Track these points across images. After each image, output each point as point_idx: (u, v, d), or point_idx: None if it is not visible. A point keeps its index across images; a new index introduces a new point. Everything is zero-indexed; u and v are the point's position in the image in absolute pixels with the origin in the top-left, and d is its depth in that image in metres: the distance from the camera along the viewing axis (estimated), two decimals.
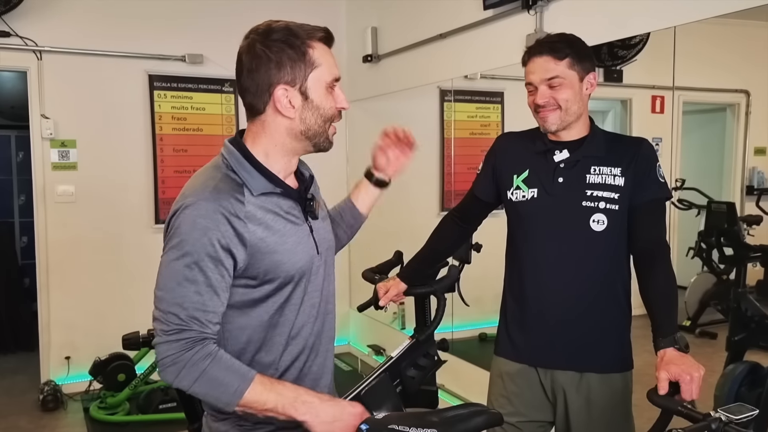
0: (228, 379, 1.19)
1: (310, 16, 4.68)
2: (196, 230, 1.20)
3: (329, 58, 1.30)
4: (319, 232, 1.39)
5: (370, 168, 1.66)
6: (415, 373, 2.23)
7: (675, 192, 3.34)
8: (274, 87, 1.26)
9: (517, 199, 1.79)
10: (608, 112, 3.73)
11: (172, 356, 1.18)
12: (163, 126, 4.25)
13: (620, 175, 1.69)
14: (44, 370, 4.10)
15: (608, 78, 3.33)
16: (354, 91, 4.75)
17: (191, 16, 4.19)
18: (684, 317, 3.46)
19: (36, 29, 3.88)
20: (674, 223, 3.53)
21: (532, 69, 1.71)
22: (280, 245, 1.27)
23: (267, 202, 1.28)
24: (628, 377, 1.77)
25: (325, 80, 1.29)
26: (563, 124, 1.72)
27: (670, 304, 1.58)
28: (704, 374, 1.41)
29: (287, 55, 1.25)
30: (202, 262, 1.20)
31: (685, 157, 3.35)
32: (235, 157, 1.29)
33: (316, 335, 1.37)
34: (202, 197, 1.22)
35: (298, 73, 1.26)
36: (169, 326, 1.19)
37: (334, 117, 1.32)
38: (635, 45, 3.09)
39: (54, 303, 4.07)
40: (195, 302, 1.20)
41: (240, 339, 1.29)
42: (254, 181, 1.27)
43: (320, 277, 1.38)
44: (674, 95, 3.22)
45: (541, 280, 1.76)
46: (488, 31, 3.27)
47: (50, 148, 3.98)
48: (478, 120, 4.44)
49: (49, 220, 4.02)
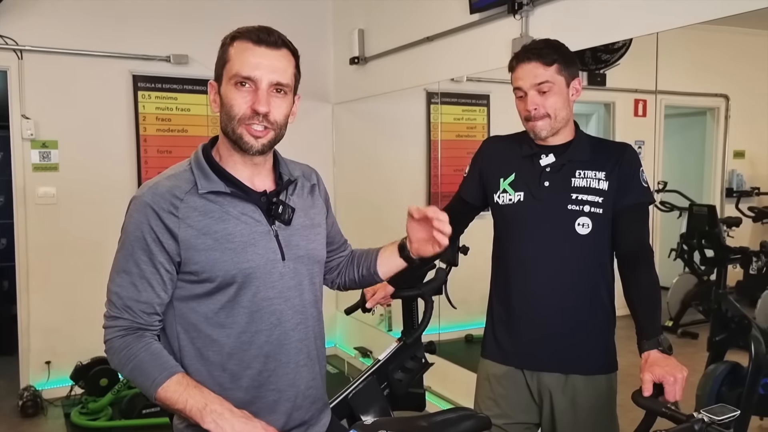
0: (150, 369, 1.24)
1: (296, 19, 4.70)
2: (131, 224, 1.27)
3: (247, 57, 1.24)
4: (292, 238, 1.35)
5: (404, 239, 1.50)
6: (403, 375, 2.23)
7: (657, 194, 3.38)
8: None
9: (503, 202, 1.80)
10: (592, 116, 3.76)
11: (109, 340, 1.27)
12: (147, 127, 4.21)
13: (604, 179, 1.71)
14: (23, 375, 4.03)
15: (592, 81, 3.36)
16: (341, 93, 4.76)
17: (176, 16, 4.16)
18: (666, 317, 3.50)
19: (17, 28, 3.82)
20: (656, 224, 3.57)
21: (521, 75, 1.72)
22: (221, 244, 1.26)
23: (216, 201, 1.29)
24: (613, 378, 1.78)
25: (229, 75, 1.26)
26: (553, 131, 1.73)
27: (654, 306, 1.59)
28: (687, 375, 1.42)
29: (219, 52, 1.31)
30: (135, 255, 1.26)
31: (667, 160, 3.39)
32: (197, 156, 1.34)
33: (277, 344, 1.33)
34: (141, 192, 1.29)
35: (219, 69, 1.30)
36: (109, 313, 1.28)
37: (241, 117, 1.25)
38: (618, 49, 3.12)
39: (34, 306, 4.01)
40: (129, 292, 1.26)
41: (190, 333, 1.30)
42: (205, 181, 1.29)
43: (285, 285, 1.33)
44: (656, 99, 3.25)
45: (527, 282, 1.77)
46: (475, 34, 3.28)
47: (31, 148, 3.91)
48: (464, 122, 4.45)
49: (30, 222, 3.96)
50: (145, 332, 1.27)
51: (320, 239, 1.45)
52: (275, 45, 1.27)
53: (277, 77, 1.26)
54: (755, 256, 3.00)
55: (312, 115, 4.77)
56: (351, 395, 2.14)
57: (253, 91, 1.25)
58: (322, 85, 4.81)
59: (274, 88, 1.27)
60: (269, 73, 1.25)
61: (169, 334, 1.32)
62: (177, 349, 1.31)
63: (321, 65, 4.79)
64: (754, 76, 3.04)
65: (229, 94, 1.26)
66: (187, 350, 1.30)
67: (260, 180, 1.35)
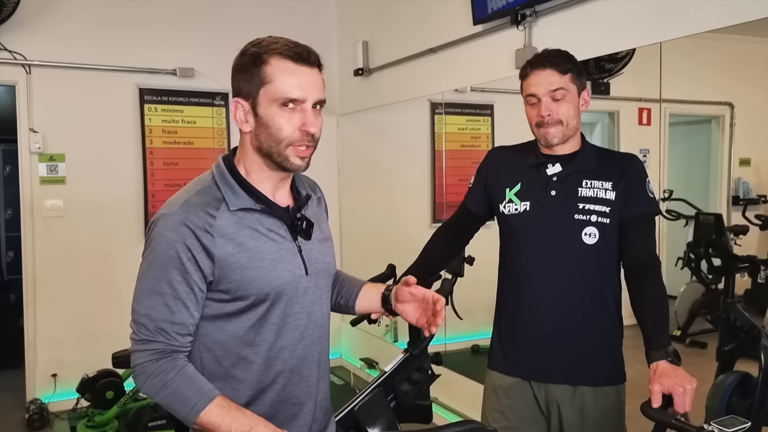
0: (189, 394, 1.20)
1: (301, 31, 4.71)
2: (163, 243, 1.21)
3: (288, 76, 1.22)
4: (312, 252, 1.36)
5: (391, 289, 1.51)
6: (409, 387, 2.21)
7: (663, 203, 3.37)
8: (233, 98, 1.27)
9: (509, 212, 1.80)
10: (596, 124, 3.76)
11: (141, 365, 1.22)
12: (154, 139, 4.24)
13: (611, 189, 1.71)
14: (30, 388, 4.03)
15: (596, 91, 3.36)
16: (345, 104, 4.78)
17: (182, 30, 4.20)
18: (674, 327, 3.48)
19: (25, 43, 3.86)
20: (663, 233, 3.56)
21: (536, 81, 1.72)
22: (255, 262, 1.25)
23: (245, 218, 1.26)
24: (621, 390, 1.77)
25: (274, 98, 1.22)
26: (563, 138, 1.74)
27: (662, 317, 1.59)
28: (696, 385, 1.41)
29: (245, 67, 1.24)
30: (169, 275, 1.21)
31: (672, 169, 3.38)
32: (221, 171, 1.30)
33: (300, 359, 1.33)
34: (172, 210, 1.23)
35: (252, 87, 1.24)
36: (138, 336, 1.23)
37: (292, 140, 1.24)
38: (622, 58, 3.13)
39: (41, 319, 4.01)
40: (162, 314, 1.22)
41: (215, 352, 1.29)
42: (234, 197, 1.27)
43: (308, 299, 1.34)
44: (661, 107, 3.25)
45: (534, 293, 1.76)
46: (478, 45, 3.29)
47: (38, 162, 3.94)
48: (468, 132, 4.46)
49: (37, 234, 3.98)
50: (179, 354, 1.24)
51: (332, 252, 1.46)
52: (313, 63, 1.27)
53: (321, 95, 1.26)
54: (763, 265, 2.99)
55: None
56: (357, 407, 2.12)
57: (298, 111, 1.23)
58: (327, 97, 4.81)
59: (316, 105, 1.26)
60: (313, 92, 1.24)
61: (191, 353, 1.29)
62: (199, 368, 1.28)
63: (326, 77, 4.80)
64: (758, 84, 3.04)
65: (276, 116, 1.22)
66: (211, 369, 1.28)
67: (281, 195, 1.34)
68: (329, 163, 4.86)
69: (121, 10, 4.11)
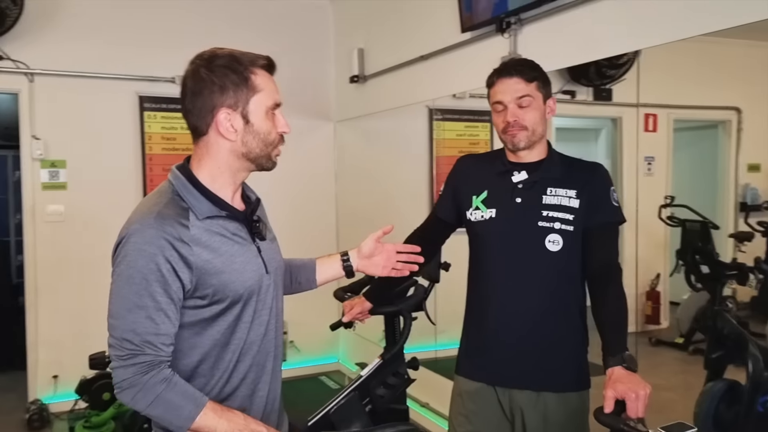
0: (182, 403, 1.24)
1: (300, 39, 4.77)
2: (142, 257, 1.23)
3: (271, 85, 1.34)
4: (268, 252, 1.43)
5: (349, 251, 1.65)
6: (385, 392, 2.25)
7: (664, 209, 3.35)
8: (216, 110, 1.30)
9: (475, 219, 1.83)
10: (601, 131, 3.76)
11: (128, 380, 1.23)
12: (153, 146, 4.31)
13: (575, 197, 1.73)
14: (32, 388, 4.12)
15: (597, 97, 3.38)
16: (342, 110, 4.83)
17: (181, 38, 4.24)
18: (676, 335, 3.46)
19: (28, 52, 3.96)
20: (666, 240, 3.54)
21: (502, 89, 1.76)
22: (228, 266, 1.31)
23: (213, 225, 1.32)
24: (585, 396, 1.79)
25: (266, 105, 1.33)
26: (529, 143, 1.77)
27: (620, 323, 1.60)
28: (650, 392, 1.43)
29: (230, 80, 1.30)
30: (151, 288, 1.23)
31: (677, 175, 3.37)
32: (182, 182, 1.33)
33: (265, 353, 1.40)
34: (147, 224, 1.25)
35: (240, 97, 1.30)
36: (123, 351, 1.24)
37: (275, 141, 1.36)
38: (623, 64, 3.14)
39: (42, 322, 4.10)
40: (147, 327, 1.24)
41: (192, 357, 1.33)
42: (200, 205, 1.31)
43: (270, 296, 1.42)
44: (665, 113, 3.25)
45: (498, 299, 1.79)
46: (466, 53, 3.32)
47: (40, 168, 4.04)
48: (466, 138, 4.47)
49: (38, 239, 4.07)
50: (165, 365, 1.26)
51: (279, 249, 1.54)
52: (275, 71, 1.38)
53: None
54: (751, 272, 2.97)
55: (314, 132, 4.85)
56: (332, 411, 2.16)
57: (276, 116, 1.35)
58: (324, 104, 4.89)
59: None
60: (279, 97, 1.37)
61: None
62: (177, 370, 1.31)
63: (323, 84, 4.87)
64: (766, 88, 3.01)
65: (268, 122, 1.33)
66: (188, 370, 1.33)
67: (237, 200, 1.41)
68: (326, 169, 4.91)
69: (122, 20, 4.21)
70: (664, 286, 3.56)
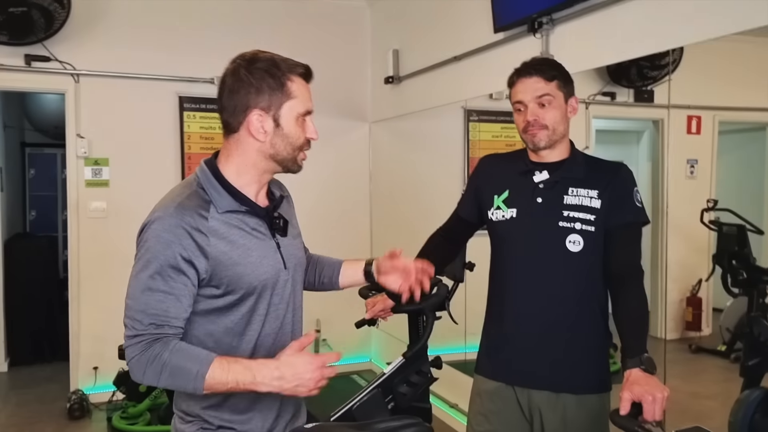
0: (188, 365, 1.27)
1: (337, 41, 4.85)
2: (160, 243, 1.30)
3: (305, 92, 1.39)
4: (288, 248, 1.47)
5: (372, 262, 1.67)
6: (408, 390, 2.26)
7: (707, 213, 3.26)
8: (250, 110, 1.35)
9: (496, 218, 1.82)
10: (643, 133, 3.69)
11: (136, 356, 1.28)
12: (192, 145, 4.43)
13: (597, 198, 1.71)
14: (73, 379, 4.28)
15: (638, 99, 3.31)
16: (377, 111, 4.86)
17: (220, 40, 4.35)
18: (719, 342, 3.36)
19: (74, 54, 4.12)
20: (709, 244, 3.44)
21: (522, 89, 1.76)
22: (244, 258, 1.36)
23: (232, 219, 1.37)
24: (606, 399, 1.76)
25: (298, 111, 1.38)
26: (550, 143, 1.75)
27: (639, 325, 1.58)
28: (668, 395, 1.40)
29: (267, 84, 1.35)
30: (165, 273, 1.29)
31: (722, 178, 3.28)
32: (206, 176, 1.39)
33: (279, 346, 1.42)
34: (167, 213, 1.32)
35: (274, 101, 1.36)
36: (132, 331, 1.30)
37: (302, 146, 1.41)
38: (666, 65, 3.07)
39: (84, 314, 4.26)
40: (157, 309, 1.29)
41: (207, 344, 1.37)
42: (221, 200, 1.36)
43: (288, 291, 1.46)
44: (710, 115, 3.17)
45: (518, 299, 1.77)
46: (499, 53, 3.31)
47: (84, 165, 4.20)
48: (503, 140, 4.43)
49: (82, 234, 4.22)
50: (170, 339, 1.29)
51: (303, 247, 1.59)
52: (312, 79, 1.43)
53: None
54: None
55: (350, 133, 4.90)
56: (355, 407, 2.19)
57: (306, 122, 1.40)
58: (360, 105, 4.93)
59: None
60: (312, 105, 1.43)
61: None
62: None
63: (359, 85, 4.92)
64: None
65: (297, 127, 1.39)
66: None
67: (262, 196, 1.46)
68: (361, 170, 4.95)
69: (163, 22, 4.34)
70: (707, 292, 3.46)
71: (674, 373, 2.94)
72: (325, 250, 1.73)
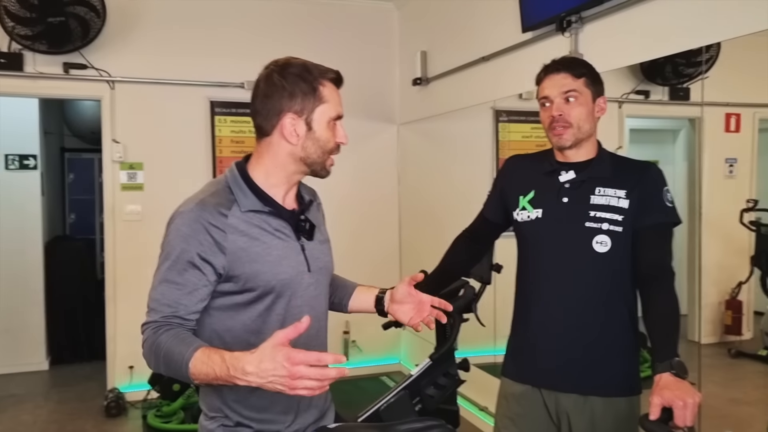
0: (177, 349, 1.26)
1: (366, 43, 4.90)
2: (178, 237, 1.34)
3: (336, 97, 1.43)
4: (314, 252, 1.48)
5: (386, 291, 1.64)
6: (435, 392, 2.26)
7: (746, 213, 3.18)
8: (284, 114, 1.39)
9: (522, 219, 1.81)
10: (679, 132, 3.62)
11: (146, 342, 1.32)
12: (223, 149, 4.50)
13: (625, 198, 1.68)
14: (110, 378, 4.38)
15: (674, 96, 3.25)
16: (405, 113, 4.86)
17: (250, 45, 4.43)
18: (760, 346, 3.27)
19: (109, 61, 4.23)
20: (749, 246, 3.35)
21: (549, 84, 1.75)
22: (262, 256, 1.38)
23: (254, 218, 1.40)
24: (635, 402, 1.72)
25: (329, 116, 1.41)
26: (576, 141, 1.73)
27: (669, 328, 1.54)
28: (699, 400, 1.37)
29: (300, 88, 1.38)
30: (181, 265, 1.33)
31: (763, 178, 3.19)
32: (234, 176, 1.44)
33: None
34: (189, 209, 1.37)
35: (307, 105, 1.39)
36: (146, 318, 1.35)
37: (332, 150, 1.44)
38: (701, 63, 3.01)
39: (120, 315, 4.37)
40: (169, 298, 1.33)
41: (225, 340, 1.40)
42: (245, 199, 1.40)
43: (310, 294, 1.47)
44: (750, 112, 3.09)
45: (545, 300, 1.76)
46: (528, 53, 3.28)
47: (120, 170, 4.30)
48: (533, 140, 4.38)
49: (118, 237, 4.33)
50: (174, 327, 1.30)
51: (331, 253, 1.59)
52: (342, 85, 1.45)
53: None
54: None
55: (378, 135, 4.91)
56: (383, 408, 2.20)
57: (336, 127, 1.44)
58: (388, 106, 4.94)
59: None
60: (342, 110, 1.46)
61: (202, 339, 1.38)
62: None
63: (387, 87, 4.93)
64: None
65: (328, 132, 1.42)
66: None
67: (289, 199, 1.48)
68: (389, 171, 4.96)
69: (194, 29, 4.42)
70: (747, 294, 3.38)
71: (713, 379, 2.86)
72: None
